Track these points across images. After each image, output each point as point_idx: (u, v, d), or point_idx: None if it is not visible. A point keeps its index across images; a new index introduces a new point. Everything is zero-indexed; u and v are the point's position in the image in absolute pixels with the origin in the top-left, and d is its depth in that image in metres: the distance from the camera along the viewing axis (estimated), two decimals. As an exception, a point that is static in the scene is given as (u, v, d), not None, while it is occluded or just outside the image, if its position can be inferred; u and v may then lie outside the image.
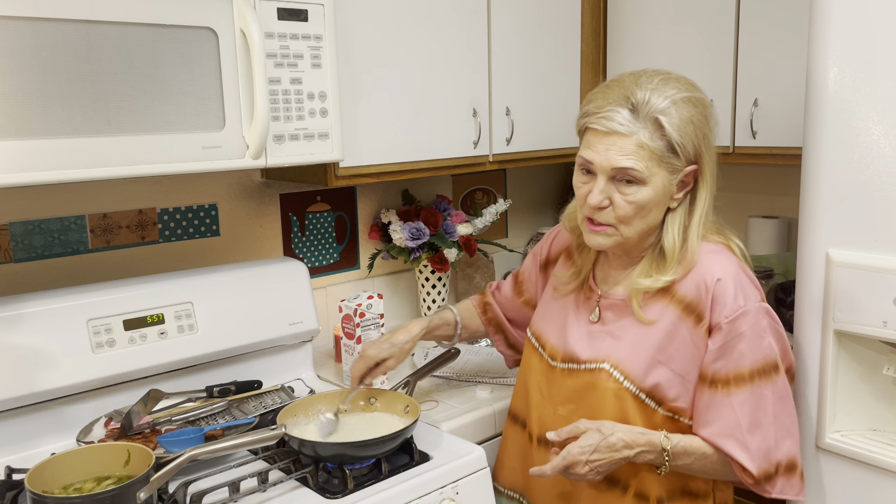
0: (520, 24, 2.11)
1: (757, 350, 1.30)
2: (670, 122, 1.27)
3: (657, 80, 1.31)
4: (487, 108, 2.07)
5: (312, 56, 1.60)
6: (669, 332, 1.33)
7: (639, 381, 1.34)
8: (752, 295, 1.32)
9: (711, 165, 1.33)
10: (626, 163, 1.27)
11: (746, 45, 2.00)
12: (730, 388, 1.30)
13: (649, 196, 1.29)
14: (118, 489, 1.19)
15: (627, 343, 1.36)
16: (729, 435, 1.30)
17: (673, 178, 1.30)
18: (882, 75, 1.37)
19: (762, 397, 1.30)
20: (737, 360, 1.30)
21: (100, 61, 1.33)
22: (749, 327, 1.29)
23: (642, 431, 1.32)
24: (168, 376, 1.69)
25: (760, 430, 1.30)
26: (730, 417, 1.30)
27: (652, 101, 1.27)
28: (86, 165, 1.34)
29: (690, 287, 1.33)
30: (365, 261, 2.29)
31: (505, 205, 2.39)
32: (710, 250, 1.36)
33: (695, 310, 1.32)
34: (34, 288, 1.70)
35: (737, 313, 1.29)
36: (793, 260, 2.07)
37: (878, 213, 1.40)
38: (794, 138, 1.90)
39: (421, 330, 1.62)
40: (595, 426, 1.31)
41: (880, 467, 1.43)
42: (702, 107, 1.31)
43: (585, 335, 1.42)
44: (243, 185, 2.02)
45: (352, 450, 1.39)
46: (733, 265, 1.34)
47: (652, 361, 1.33)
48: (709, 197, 1.35)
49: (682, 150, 1.28)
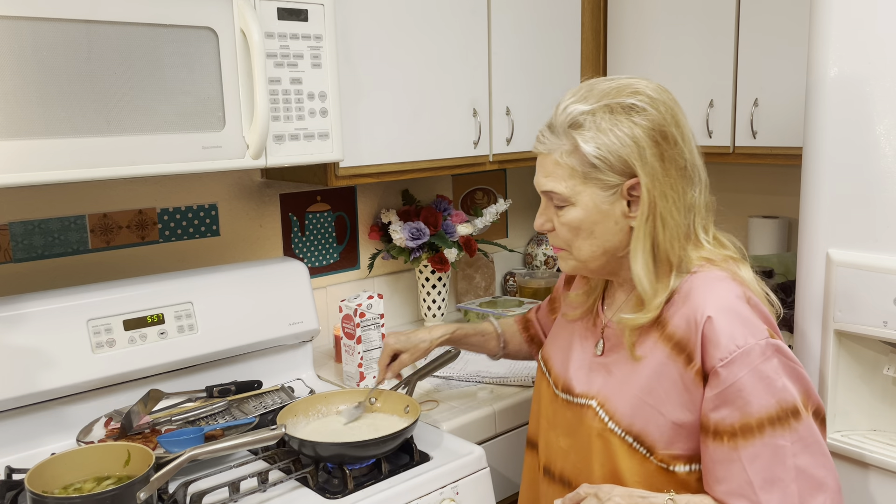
0: (520, 24, 2.11)
1: (766, 395, 1.11)
2: (583, 134, 1.15)
3: (587, 88, 1.19)
4: (487, 108, 2.07)
5: (312, 56, 1.60)
6: (658, 371, 1.18)
7: (625, 424, 1.19)
8: (756, 331, 1.13)
9: (660, 176, 1.15)
10: (548, 184, 1.20)
11: (746, 45, 2.00)
12: (737, 440, 1.11)
13: (581, 216, 1.18)
14: (118, 489, 1.19)
15: (617, 380, 1.23)
16: (740, 494, 1.11)
17: (608, 194, 1.16)
18: (882, 75, 1.37)
19: (779, 449, 1.10)
20: (741, 409, 1.11)
21: (100, 61, 1.33)
22: (751, 370, 1.11)
23: (643, 495, 1.15)
24: (168, 376, 1.69)
25: (778, 487, 1.10)
26: (739, 475, 1.11)
27: (566, 113, 1.17)
28: (86, 165, 1.34)
29: (681, 322, 1.16)
30: (365, 261, 2.29)
31: (505, 205, 2.39)
32: (710, 278, 1.18)
33: (685, 349, 1.16)
34: (34, 288, 1.70)
35: (734, 354, 1.11)
36: (793, 260, 2.08)
37: (878, 213, 1.40)
38: (794, 138, 1.90)
39: (442, 335, 1.60)
40: (594, 490, 1.16)
41: (880, 467, 1.43)
42: (636, 113, 1.15)
43: (585, 366, 1.30)
44: (243, 185, 2.02)
45: (352, 450, 1.39)
46: (732, 296, 1.16)
47: (639, 402, 1.19)
48: (675, 211, 1.16)
49: (605, 164, 1.15)
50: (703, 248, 1.22)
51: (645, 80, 1.20)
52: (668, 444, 1.18)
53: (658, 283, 1.18)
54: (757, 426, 1.11)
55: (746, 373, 1.11)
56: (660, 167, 1.15)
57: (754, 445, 1.11)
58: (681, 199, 1.17)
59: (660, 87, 1.20)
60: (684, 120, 1.20)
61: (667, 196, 1.16)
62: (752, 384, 1.11)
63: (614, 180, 1.16)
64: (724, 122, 2.07)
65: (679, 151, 1.17)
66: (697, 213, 1.21)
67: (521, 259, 2.72)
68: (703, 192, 1.21)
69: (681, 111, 1.20)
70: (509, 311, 2.22)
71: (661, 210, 1.15)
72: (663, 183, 1.15)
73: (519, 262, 2.71)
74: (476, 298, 2.49)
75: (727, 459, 1.12)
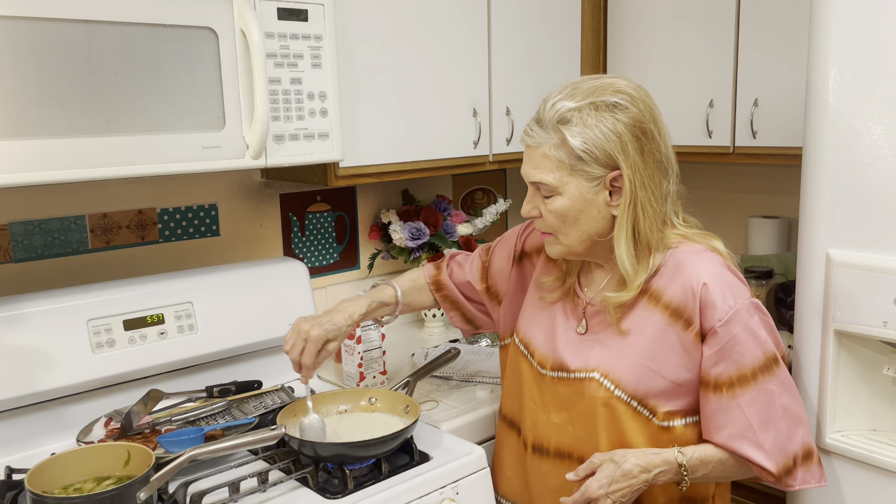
0: (520, 24, 2.11)
1: (755, 347, 1.28)
2: (570, 129, 1.25)
3: (572, 87, 1.29)
4: (487, 108, 2.07)
5: (312, 56, 1.60)
6: (658, 338, 1.31)
7: (630, 390, 1.32)
8: (741, 292, 1.30)
9: (641, 168, 1.26)
10: (536, 175, 1.29)
11: (746, 45, 2.00)
12: (735, 390, 1.28)
13: (567, 205, 1.28)
14: (118, 489, 1.19)
15: (616, 351, 1.34)
16: (742, 437, 1.29)
17: (592, 184, 1.27)
18: (882, 75, 1.37)
19: (769, 393, 1.29)
20: (737, 361, 1.28)
21: (100, 61, 1.33)
22: (743, 326, 1.28)
23: (655, 452, 1.29)
24: (168, 376, 1.69)
25: (772, 426, 1.29)
26: (740, 419, 1.28)
27: (555, 109, 1.26)
28: (86, 165, 1.34)
29: (677, 291, 1.30)
30: (365, 261, 2.29)
31: (505, 205, 2.39)
32: (692, 251, 1.32)
33: (682, 314, 1.30)
34: (34, 288, 1.70)
35: (728, 314, 1.27)
36: (793, 260, 2.08)
37: (878, 213, 1.40)
38: (794, 138, 1.90)
39: (360, 314, 1.53)
40: (608, 457, 1.28)
41: (880, 467, 1.43)
42: (619, 110, 1.25)
43: (575, 343, 1.40)
44: (243, 185, 2.02)
45: (352, 450, 1.39)
46: (717, 265, 1.31)
47: (642, 368, 1.31)
48: (653, 200, 1.28)
49: (591, 157, 1.25)
50: (676, 228, 1.36)
51: (625, 79, 1.31)
52: (667, 403, 1.32)
53: (639, 265, 1.31)
54: (751, 375, 1.28)
55: (739, 329, 1.27)
56: (640, 160, 1.26)
57: (750, 392, 1.28)
58: (658, 189, 1.29)
59: (638, 86, 1.31)
60: (660, 116, 1.31)
61: (646, 186, 1.27)
62: (744, 339, 1.28)
63: (598, 172, 1.26)
64: (724, 122, 2.07)
65: (657, 146, 1.28)
66: (672, 200, 1.34)
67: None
68: (675, 181, 1.34)
69: (657, 108, 1.32)
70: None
71: (641, 199, 1.27)
72: (643, 174, 1.27)
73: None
74: (476, 298, 2.49)
75: (727, 408, 1.29)
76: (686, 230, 1.36)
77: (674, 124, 2.15)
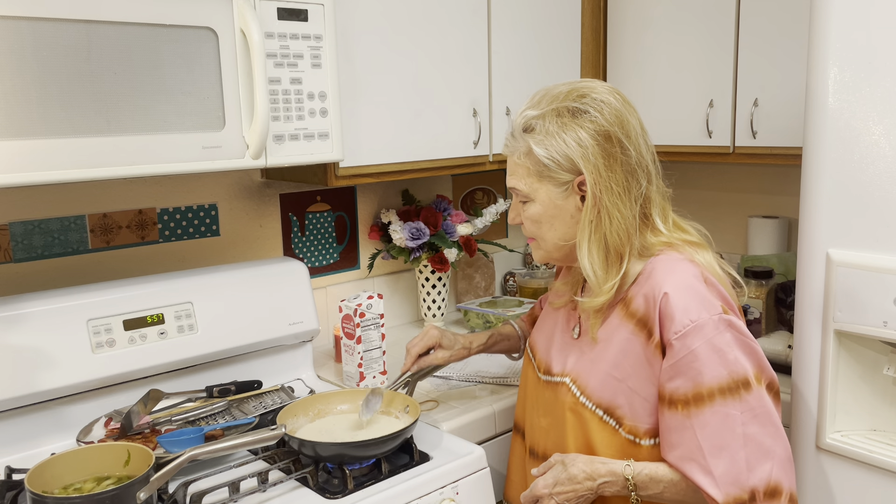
0: (520, 24, 2.11)
1: (719, 366, 1.19)
2: (534, 137, 1.27)
3: (542, 94, 1.31)
4: (487, 108, 2.07)
5: (312, 56, 1.60)
6: (624, 347, 1.28)
7: (596, 397, 1.30)
8: (710, 306, 1.22)
9: (604, 173, 1.24)
10: (511, 182, 1.34)
11: (746, 45, 2.00)
12: (689, 408, 1.21)
13: (539, 210, 1.31)
14: (118, 489, 1.19)
15: (589, 358, 1.34)
16: (690, 459, 1.21)
17: (560, 190, 1.28)
18: (882, 75, 1.37)
19: (728, 418, 1.19)
20: (694, 379, 1.20)
21: (100, 61, 1.33)
22: (705, 342, 1.20)
23: (603, 461, 1.27)
24: (168, 376, 1.69)
25: (727, 453, 1.19)
26: (691, 441, 1.20)
27: (522, 117, 1.30)
28: (86, 165, 1.34)
29: (641, 301, 1.27)
30: (365, 261, 2.29)
31: (505, 205, 2.39)
32: (669, 259, 1.28)
33: (646, 325, 1.26)
34: (34, 288, 1.70)
35: (687, 328, 1.20)
36: (793, 260, 2.08)
37: (878, 213, 1.40)
38: (794, 138, 1.90)
39: (479, 345, 1.65)
40: (560, 458, 1.30)
41: (880, 467, 1.43)
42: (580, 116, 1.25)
43: (563, 348, 1.41)
44: (243, 185, 2.02)
45: (352, 450, 1.39)
46: (688, 276, 1.25)
47: (607, 377, 1.29)
48: (620, 205, 1.25)
49: (555, 163, 1.26)
50: (661, 234, 1.31)
51: (598, 83, 1.31)
52: (633, 417, 1.28)
53: (609, 270, 1.28)
54: (707, 395, 1.19)
55: (700, 345, 1.20)
56: (603, 165, 1.25)
57: (704, 413, 1.20)
58: (626, 193, 1.26)
59: (611, 90, 1.30)
60: (632, 120, 1.29)
61: (612, 190, 1.25)
62: (705, 356, 1.20)
63: (565, 177, 1.27)
64: (723, 122, 2.07)
65: (623, 149, 1.26)
66: (653, 203, 1.31)
67: (521, 259, 2.72)
68: (656, 182, 1.31)
69: (629, 112, 1.29)
70: (509, 311, 2.22)
71: (606, 204, 1.25)
72: (608, 178, 1.25)
73: (519, 262, 2.71)
74: (476, 298, 2.49)
75: (680, 427, 1.22)
76: (672, 237, 1.31)
77: (674, 124, 2.18)
